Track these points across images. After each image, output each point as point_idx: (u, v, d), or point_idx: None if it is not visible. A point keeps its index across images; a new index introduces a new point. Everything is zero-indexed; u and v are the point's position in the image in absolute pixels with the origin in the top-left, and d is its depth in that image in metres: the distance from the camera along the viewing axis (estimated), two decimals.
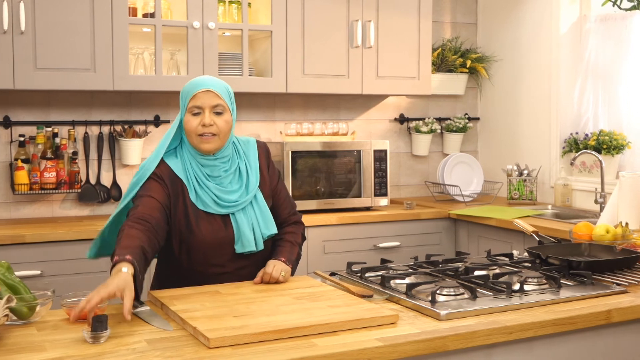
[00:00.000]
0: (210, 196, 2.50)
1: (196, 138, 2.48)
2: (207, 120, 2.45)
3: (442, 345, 1.94)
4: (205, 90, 2.47)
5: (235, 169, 2.57)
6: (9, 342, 1.89)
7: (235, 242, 2.53)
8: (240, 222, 2.53)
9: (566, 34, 4.74)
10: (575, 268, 2.53)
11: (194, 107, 2.47)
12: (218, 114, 2.48)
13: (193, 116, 2.48)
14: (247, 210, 2.56)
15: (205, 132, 2.46)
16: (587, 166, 4.63)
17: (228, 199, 2.52)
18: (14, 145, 4.09)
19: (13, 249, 3.54)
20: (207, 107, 2.47)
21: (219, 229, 2.52)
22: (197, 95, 2.47)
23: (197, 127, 2.46)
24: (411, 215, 4.45)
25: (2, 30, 3.69)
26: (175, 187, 2.50)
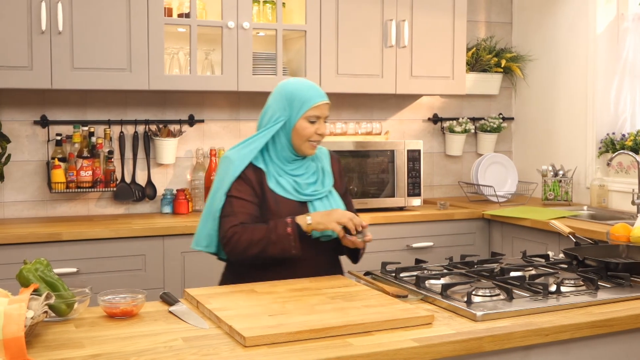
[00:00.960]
0: (291, 184, 2.67)
1: (306, 144, 2.67)
2: (325, 130, 2.69)
3: (478, 346, 1.94)
4: (325, 103, 2.68)
5: (314, 169, 2.75)
6: (47, 338, 1.92)
7: None
8: (319, 208, 2.67)
9: (603, 33, 4.69)
10: (613, 270, 2.50)
11: (314, 116, 2.65)
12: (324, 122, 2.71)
13: (310, 124, 2.65)
14: (324, 200, 2.71)
15: (319, 140, 2.68)
16: (624, 167, 4.57)
17: (306, 189, 2.68)
18: (51, 144, 4.14)
19: (50, 247, 3.58)
20: (323, 117, 2.68)
21: (297, 212, 2.63)
22: (319, 106, 2.66)
23: (312, 135, 2.65)
24: (445, 215, 4.43)
25: (40, 31, 3.74)
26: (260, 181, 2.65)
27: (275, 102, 2.70)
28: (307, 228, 2.55)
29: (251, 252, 2.55)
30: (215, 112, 4.53)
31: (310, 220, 2.56)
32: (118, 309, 2.10)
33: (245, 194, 2.62)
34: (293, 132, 2.65)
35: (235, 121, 4.57)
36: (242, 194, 2.62)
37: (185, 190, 4.32)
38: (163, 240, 3.81)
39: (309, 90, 2.66)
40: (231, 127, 4.57)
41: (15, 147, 4.09)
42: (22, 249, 3.52)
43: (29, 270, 2.11)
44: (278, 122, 2.66)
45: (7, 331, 1.75)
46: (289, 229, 2.53)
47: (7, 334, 1.74)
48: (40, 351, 1.81)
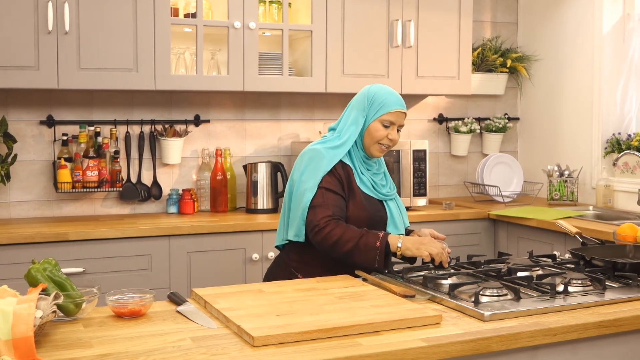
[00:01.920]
0: (371, 182, 2.82)
1: (376, 146, 2.79)
2: (396, 137, 2.80)
3: (486, 346, 1.93)
4: (402, 111, 2.81)
5: (382, 170, 2.92)
6: (56, 338, 1.92)
7: (388, 225, 2.82)
8: (393, 208, 2.86)
9: (609, 33, 4.69)
10: (620, 270, 2.50)
11: (388, 121, 2.77)
12: (398, 131, 2.83)
13: (383, 127, 2.77)
14: (395, 201, 2.90)
15: (389, 145, 2.80)
16: (630, 167, 4.57)
17: (382, 189, 2.84)
18: (57, 144, 4.15)
19: (56, 247, 3.59)
20: (397, 124, 2.80)
21: (379, 209, 2.81)
22: (395, 113, 2.78)
23: (384, 139, 2.77)
24: (450, 215, 4.43)
25: (47, 31, 3.74)
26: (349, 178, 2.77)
27: (358, 102, 2.83)
28: (396, 250, 2.63)
29: (339, 250, 2.63)
30: (221, 112, 4.53)
31: (401, 244, 2.62)
32: (126, 309, 2.11)
33: (336, 187, 2.73)
34: (366, 132, 2.78)
35: (241, 121, 4.58)
36: (333, 187, 2.72)
37: (191, 190, 4.32)
38: (169, 240, 3.82)
39: (390, 96, 2.80)
40: (237, 127, 4.57)
41: (22, 147, 4.10)
42: (29, 248, 3.53)
43: (37, 270, 2.11)
44: (359, 122, 2.78)
45: (16, 331, 1.75)
46: (378, 243, 2.60)
47: (17, 333, 1.75)
48: (49, 351, 1.81)
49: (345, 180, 2.75)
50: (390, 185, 2.92)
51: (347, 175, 2.76)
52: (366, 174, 2.81)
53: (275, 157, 4.64)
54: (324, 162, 2.73)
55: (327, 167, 2.73)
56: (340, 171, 2.75)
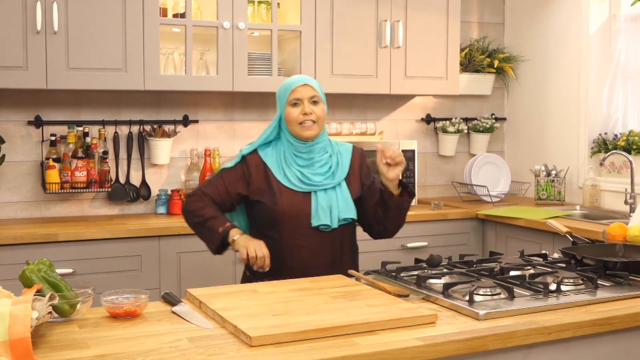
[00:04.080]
0: (296, 175, 2.78)
1: (297, 127, 2.78)
2: (307, 109, 2.76)
3: (481, 345, 1.95)
4: (302, 85, 2.78)
5: (327, 158, 2.85)
6: (52, 339, 1.92)
7: (312, 216, 2.77)
8: (320, 200, 2.78)
9: (595, 34, 4.72)
10: (612, 269, 2.52)
11: (294, 100, 2.78)
12: (315, 103, 2.79)
13: (293, 107, 2.78)
14: (329, 192, 2.80)
15: (306, 120, 2.76)
16: (617, 167, 4.60)
17: (312, 179, 2.79)
18: (45, 145, 4.13)
19: (46, 247, 3.57)
20: (305, 98, 2.77)
21: (299, 203, 2.77)
22: (296, 89, 2.78)
23: (298, 116, 2.77)
24: (439, 215, 4.44)
25: (36, 31, 3.73)
26: (259, 169, 2.81)
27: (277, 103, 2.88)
28: (230, 241, 2.72)
29: (190, 219, 2.84)
30: (210, 113, 4.53)
31: (236, 238, 2.72)
32: (121, 310, 2.10)
33: (228, 177, 2.82)
34: (286, 121, 2.80)
35: (230, 121, 4.57)
36: (226, 175, 2.83)
37: (180, 191, 4.32)
38: (159, 241, 3.81)
39: (289, 80, 2.84)
40: (226, 127, 4.56)
41: (10, 148, 4.07)
42: (18, 249, 3.51)
43: (31, 270, 2.10)
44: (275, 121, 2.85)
45: (13, 332, 1.74)
46: (220, 229, 2.73)
47: (13, 334, 1.74)
48: (46, 352, 1.81)
49: (255, 177, 2.80)
50: (333, 175, 2.83)
51: (262, 172, 2.80)
52: (293, 167, 2.79)
53: None
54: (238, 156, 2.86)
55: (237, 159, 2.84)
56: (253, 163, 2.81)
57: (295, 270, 2.72)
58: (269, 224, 2.79)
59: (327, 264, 2.78)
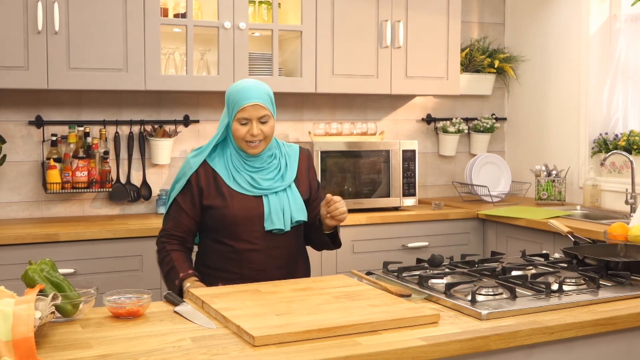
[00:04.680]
0: (247, 179, 2.74)
1: (244, 144, 2.73)
2: (255, 131, 2.69)
3: (484, 344, 1.95)
4: (252, 105, 2.69)
5: (275, 162, 2.81)
6: (54, 339, 1.92)
7: (265, 220, 2.73)
8: (272, 202, 2.75)
9: (595, 34, 4.72)
10: (613, 268, 2.52)
11: (242, 119, 2.70)
12: (263, 123, 2.72)
13: (241, 125, 2.71)
14: (280, 194, 2.77)
15: (254, 140, 2.71)
16: (617, 167, 4.60)
17: (262, 184, 2.76)
18: (46, 145, 4.13)
19: (47, 247, 3.57)
20: (254, 118, 2.70)
21: (252, 207, 2.73)
22: (245, 109, 2.69)
23: (245, 136, 2.71)
24: (439, 215, 4.45)
25: (37, 31, 3.73)
26: (208, 177, 2.76)
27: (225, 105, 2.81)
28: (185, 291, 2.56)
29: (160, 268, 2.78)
30: (210, 113, 4.53)
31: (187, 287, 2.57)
32: (124, 309, 2.10)
33: (187, 202, 2.75)
34: (232, 133, 2.75)
35: None
36: (184, 202, 2.76)
37: None
38: None
39: (239, 92, 2.72)
40: None
41: (10, 148, 4.07)
42: (19, 249, 3.51)
43: (34, 270, 2.10)
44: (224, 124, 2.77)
45: (16, 332, 1.74)
46: (176, 282, 2.64)
47: (17, 334, 1.74)
48: (49, 352, 1.81)
49: (206, 186, 2.74)
50: (282, 177, 2.80)
51: (212, 180, 2.75)
52: (243, 172, 2.75)
53: None
54: (185, 171, 2.78)
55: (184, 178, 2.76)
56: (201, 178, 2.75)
57: (253, 273, 2.71)
58: (222, 229, 2.74)
59: (282, 266, 2.77)
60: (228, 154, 2.78)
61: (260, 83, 2.77)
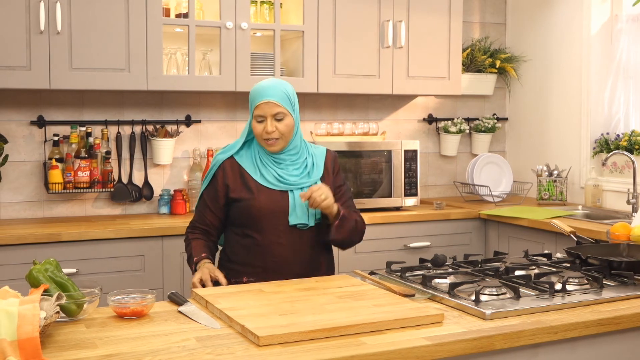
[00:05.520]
0: (273, 174, 2.80)
1: (263, 142, 2.79)
2: (269, 128, 2.74)
3: (489, 344, 1.95)
4: (265, 102, 2.75)
5: (302, 160, 2.86)
6: (59, 339, 1.92)
7: (290, 214, 2.78)
8: (297, 197, 2.79)
9: (597, 34, 4.72)
10: (616, 268, 2.52)
11: (258, 116, 2.77)
12: (279, 120, 2.75)
13: (258, 123, 2.78)
14: (305, 190, 2.80)
15: (270, 138, 2.76)
16: (619, 167, 4.61)
17: (289, 179, 2.81)
18: (48, 145, 4.13)
19: (49, 247, 3.57)
20: (268, 115, 2.75)
21: (277, 201, 2.78)
22: (259, 106, 2.76)
23: (262, 133, 2.76)
24: (441, 215, 4.45)
25: (39, 31, 3.73)
26: (235, 173, 2.83)
27: None
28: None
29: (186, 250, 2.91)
30: (212, 113, 4.53)
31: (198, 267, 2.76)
32: (128, 309, 2.10)
33: (209, 195, 2.86)
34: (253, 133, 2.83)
35: (232, 121, 4.57)
36: (208, 198, 2.87)
37: (183, 191, 4.31)
38: (162, 241, 3.81)
39: (255, 91, 2.81)
40: (228, 127, 4.57)
41: (12, 148, 4.07)
42: (22, 249, 3.51)
43: (38, 270, 2.10)
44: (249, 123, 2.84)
45: (22, 332, 1.75)
46: (192, 266, 2.80)
47: (22, 334, 1.74)
48: (54, 351, 1.81)
49: (232, 181, 2.81)
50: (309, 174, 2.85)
51: (238, 176, 2.82)
52: (270, 167, 2.81)
53: None
54: (213, 168, 2.87)
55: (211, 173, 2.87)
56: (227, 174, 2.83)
57: (277, 266, 2.76)
58: (248, 222, 2.80)
59: (306, 261, 2.81)
60: (255, 152, 2.85)
61: (279, 82, 2.83)
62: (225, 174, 2.83)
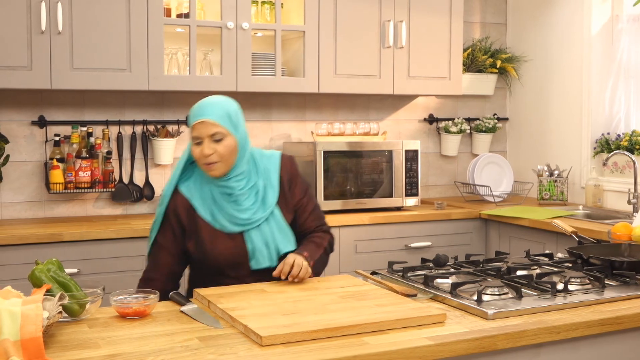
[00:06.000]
0: (225, 216, 2.56)
1: (202, 166, 2.55)
2: (206, 150, 2.50)
3: (491, 344, 1.95)
4: (200, 121, 2.52)
5: (251, 186, 2.61)
6: (62, 339, 1.92)
7: (250, 259, 2.59)
8: (255, 239, 2.58)
9: (598, 34, 4.73)
10: (618, 268, 2.53)
11: (195, 138, 2.54)
12: (218, 141, 2.51)
13: (196, 145, 2.54)
14: (262, 227, 2.60)
15: (208, 162, 2.51)
16: (619, 167, 4.61)
17: (242, 217, 2.57)
18: (49, 145, 4.13)
19: (50, 247, 3.57)
20: (205, 136, 2.51)
21: (234, 246, 2.58)
22: (195, 127, 2.53)
23: (200, 157, 2.52)
24: (442, 215, 4.45)
25: (40, 31, 3.73)
26: (190, 214, 2.59)
27: None
28: None
29: None
30: None
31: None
32: (131, 309, 2.11)
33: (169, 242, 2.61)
34: None
35: None
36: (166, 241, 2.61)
37: None
38: None
39: (191, 111, 2.59)
40: None
41: (13, 148, 4.07)
42: (23, 250, 3.51)
43: (41, 270, 2.11)
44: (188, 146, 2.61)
45: (25, 331, 1.75)
46: None
47: (25, 334, 1.74)
48: (57, 351, 1.81)
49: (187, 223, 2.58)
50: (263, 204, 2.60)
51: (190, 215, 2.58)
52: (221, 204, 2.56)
53: None
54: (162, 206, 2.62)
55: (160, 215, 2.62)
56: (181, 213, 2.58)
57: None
58: (207, 269, 2.61)
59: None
60: (204, 183, 2.61)
61: (219, 99, 2.61)
62: (177, 214, 2.59)
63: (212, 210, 2.58)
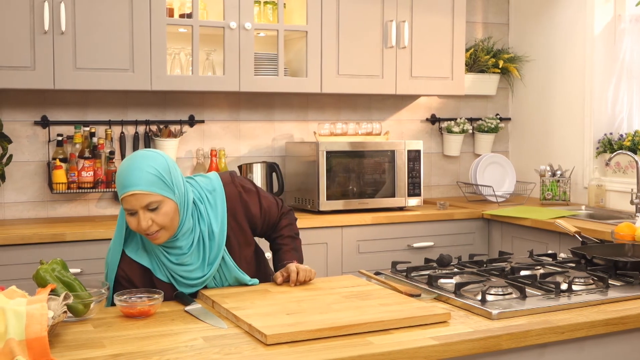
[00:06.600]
0: (180, 279, 2.37)
1: (144, 235, 2.30)
2: (142, 224, 2.22)
3: (495, 344, 1.95)
4: (130, 193, 2.21)
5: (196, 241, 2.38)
6: (67, 338, 1.92)
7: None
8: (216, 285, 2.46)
9: (600, 34, 4.72)
10: (622, 268, 2.53)
11: (128, 209, 2.25)
12: (154, 210, 2.23)
13: (130, 216, 2.25)
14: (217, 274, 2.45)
15: (147, 232, 2.26)
16: (622, 167, 4.60)
17: (191, 278, 2.37)
18: (52, 145, 4.13)
19: (53, 247, 3.57)
20: (138, 208, 2.22)
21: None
22: (124, 199, 2.23)
23: (137, 229, 2.25)
24: (445, 215, 4.45)
25: (43, 31, 3.73)
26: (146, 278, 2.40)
27: None
28: None
29: None
30: (216, 113, 4.53)
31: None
32: (135, 309, 2.11)
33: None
34: None
35: (236, 121, 4.58)
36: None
37: None
38: None
39: (118, 179, 2.26)
40: (231, 127, 4.57)
41: (16, 148, 4.08)
42: (26, 249, 3.51)
43: (45, 270, 2.11)
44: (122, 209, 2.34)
45: (30, 331, 1.75)
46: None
47: (30, 333, 1.75)
48: (62, 351, 1.81)
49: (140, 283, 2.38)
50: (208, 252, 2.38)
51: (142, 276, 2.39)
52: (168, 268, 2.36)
53: (269, 157, 4.65)
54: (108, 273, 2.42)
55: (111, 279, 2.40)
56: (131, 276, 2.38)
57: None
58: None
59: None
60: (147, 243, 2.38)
61: (145, 162, 2.24)
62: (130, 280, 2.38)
63: (166, 273, 2.38)
